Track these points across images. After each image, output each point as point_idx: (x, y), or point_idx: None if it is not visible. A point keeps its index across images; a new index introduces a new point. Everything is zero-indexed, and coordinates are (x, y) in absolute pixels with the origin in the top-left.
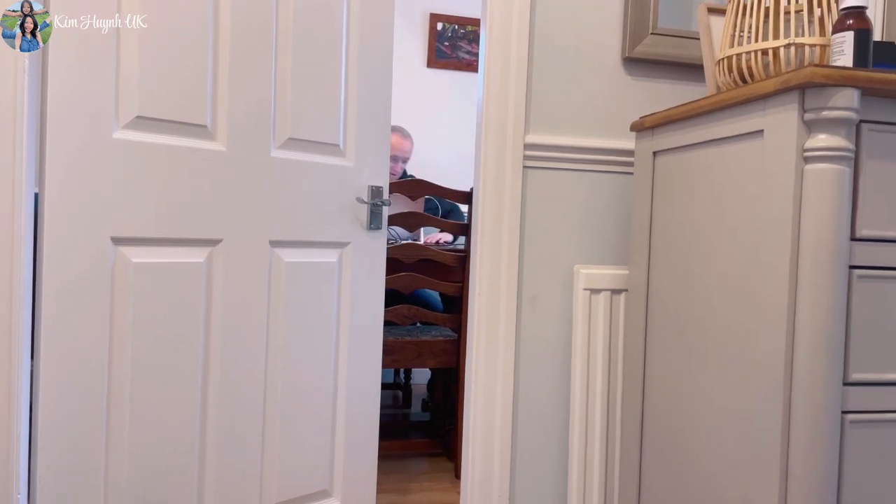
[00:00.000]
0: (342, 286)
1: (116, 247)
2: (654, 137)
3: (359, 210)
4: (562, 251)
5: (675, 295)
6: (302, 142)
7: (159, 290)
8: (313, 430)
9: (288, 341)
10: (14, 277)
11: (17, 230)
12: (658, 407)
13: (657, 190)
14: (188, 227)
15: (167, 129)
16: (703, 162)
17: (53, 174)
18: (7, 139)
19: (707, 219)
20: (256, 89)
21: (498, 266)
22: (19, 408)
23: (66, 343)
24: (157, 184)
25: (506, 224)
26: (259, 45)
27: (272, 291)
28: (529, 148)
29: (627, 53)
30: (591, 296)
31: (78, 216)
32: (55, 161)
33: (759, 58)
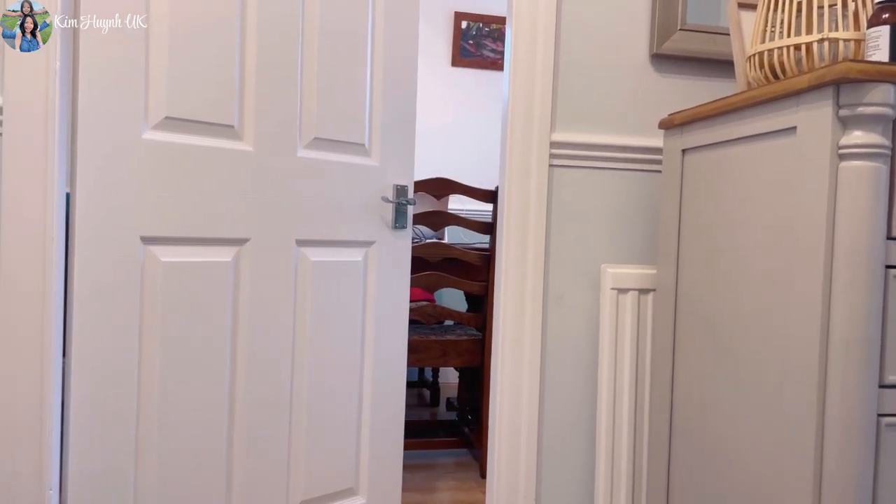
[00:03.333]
0: (367, 285)
1: (146, 246)
2: (683, 135)
3: (384, 209)
4: (588, 250)
5: (704, 295)
6: (328, 141)
7: (188, 289)
8: (339, 429)
9: (313, 340)
10: (46, 278)
11: (49, 231)
12: (687, 408)
13: (686, 188)
14: (216, 226)
15: (195, 130)
16: (733, 160)
17: (84, 175)
18: (39, 141)
19: (738, 218)
20: (283, 90)
21: (523, 265)
22: (51, 404)
23: (97, 341)
24: (185, 184)
25: (531, 223)
26: (285, 45)
27: (298, 290)
28: (555, 146)
29: (655, 50)
30: (619, 295)
31: (108, 216)
32: (86, 162)
33: (791, 53)
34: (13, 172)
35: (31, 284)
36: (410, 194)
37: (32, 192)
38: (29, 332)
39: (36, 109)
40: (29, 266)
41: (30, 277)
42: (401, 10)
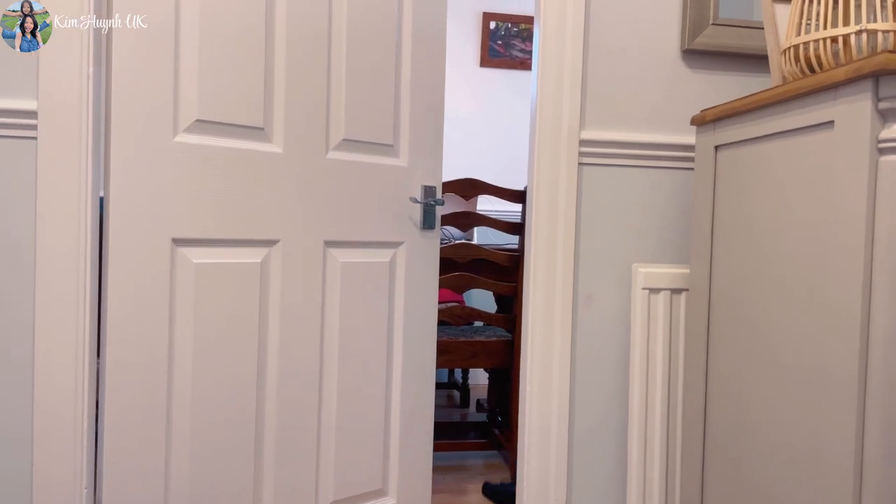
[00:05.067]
0: (396, 286)
1: (177, 247)
2: (716, 131)
3: (412, 210)
4: (619, 249)
5: (739, 294)
6: (356, 143)
7: (218, 290)
8: (368, 429)
9: (342, 340)
10: (81, 279)
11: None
12: (721, 410)
13: (719, 185)
14: (246, 228)
15: (225, 132)
16: (768, 155)
17: (117, 178)
18: (73, 145)
19: (773, 215)
20: (312, 92)
21: (553, 265)
22: (86, 404)
23: (130, 341)
24: (215, 186)
25: (561, 222)
26: (314, 48)
27: (327, 291)
28: (585, 144)
29: (687, 45)
30: (650, 295)
31: (140, 218)
32: (119, 166)
33: (828, 46)
34: (48, 176)
35: (66, 286)
36: (439, 195)
37: (67, 195)
38: (64, 333)
39: (70, 114)
40: (64, 268)
41: (65, 279)
42: (429, 11)
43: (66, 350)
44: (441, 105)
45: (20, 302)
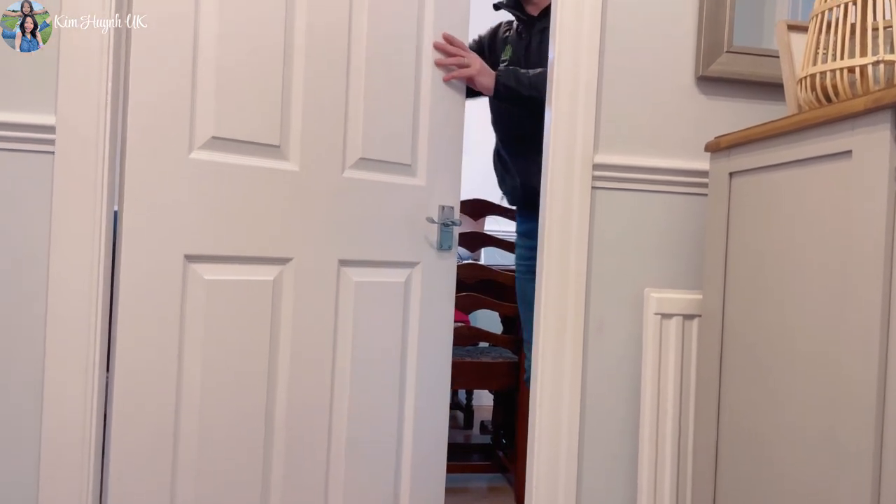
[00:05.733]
0: (410, 307)
1: (189, 264)
2: (731, 158)
3: (429, 230)
4: (631, 274)
5: (753, 322)
6: (374, 162)
7: (229, 308)
8: (379, 454)
9: (354, 362)
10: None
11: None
12: (734, 442)
13: (733, 212)
14: (259, 245)
15: (241, 150)
16: (784, 183)
17: (132, 194)
18: (90, 161)
19: (788, 243)
20: (329, 110)
21: (565, 288)
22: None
23: (139, 358)
24: (230, 203)
25: (573, 245)
26: (332, 65)
27: (340, 311)
28: (598, 168)
29: (701, 72)
30: (663, 321)
31: (153, 234)
32: (134, 181)
33: (844, 75)
34: (64, 191)
35: (78, 300)
36: (456, 215)
37: (82, 210)
38: (75, 347)
39: (87, 130)
40: (76, 282)
41: (76, 293)
42: (449, 30)
43: (77, 363)
44: (461, 124)
45: (31, 315)
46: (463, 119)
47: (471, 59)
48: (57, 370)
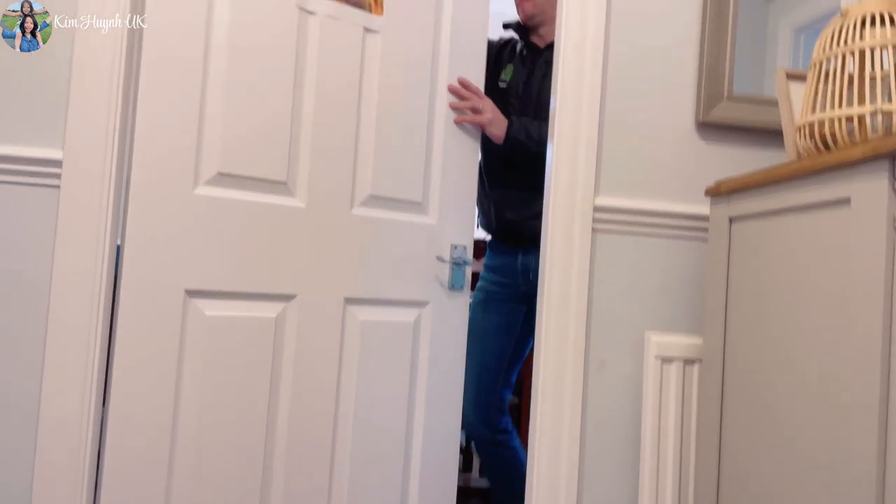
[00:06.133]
0: (419, 348)
1: (190, 299)
2: (731, 203)
3: (439, 269)
4: (632, 316)
5: (753, 371)
6: (384, 199)
7: (230, 345)
8: (383, 500)
9: (358, 404)
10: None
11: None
12: (735, 482)
13: (733, 257)
14: (263, 281)
15: (247, 186)
16: (784, 229)
17: (134, 228)
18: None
19: (789, 289)
20: (339, 146)
21: (565, 329)
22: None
23: (136, 392)
24: (234, 239)
25: (573, 287)
26: (343, 100)
27: (345, 351)
28: (599, 210)
29: (701, 118)
30: (663, 365)
31: (155, 269)
32: (137, 216)
33: (843, 124)
34: (67, 225)
35: (77, 334)
36: (469, 254)
37: (84, 245)
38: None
39: (94, 165)
40: (76, 316)
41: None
42: (464, 67)
43: (73, 397)
44: (475, 161)
45: (31, 348)
46: (477, 157)
47: (484, 106)
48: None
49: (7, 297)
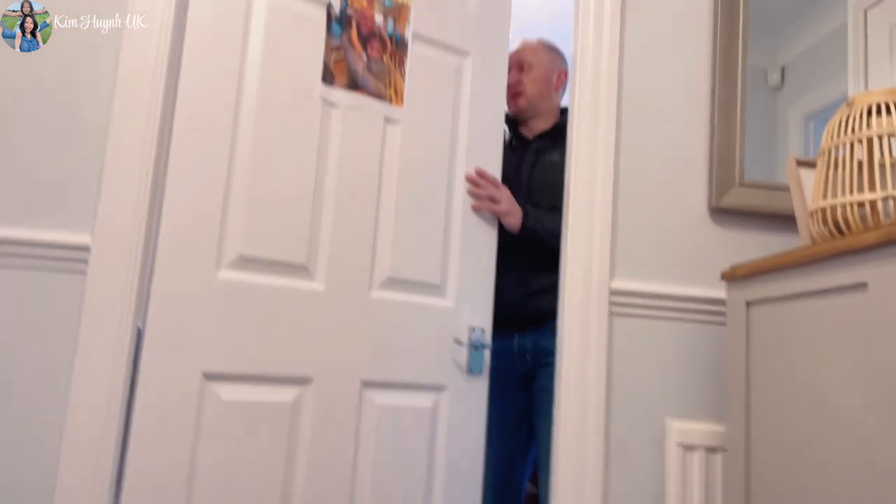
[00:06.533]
0: (437, 434)
1: (207, 382)
2: (747, 287)
3: (457, 352)
4: (652, 402)
5: (779, 457)
6: (402, 282)
7: (246, 429)
8: None
9: (375, 490)
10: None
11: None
12: None
13: (752, 341)
14: (280, 364)
15: (267, 269)
16: (802, 313)
17: (155, 312)
18: (119, 279)
19: (810, 373)
20: (359, 229)
21: (583, 416)
22: None
23: (151, 475)
24: (253, 322)
25: (591, 372)
26: (364, 185)
27: (361, 436)
28: (615, 294)
29: (714, 204)
30: (685, 453)
31: (174, 352)
32: (159, 299)
33: (855, 210)
34: (92, 309)
35: (96, 414)
36: (487, 338)
37: (108, 329)
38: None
39: (120, 249)
40: (96, 396)
41: (95, 409)
42: (481, 154)
43: (89, 477)
44: (493, 244)
45: (50, 427)
46: (495, 240)
47: (501, 196)
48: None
49: (30, 377)
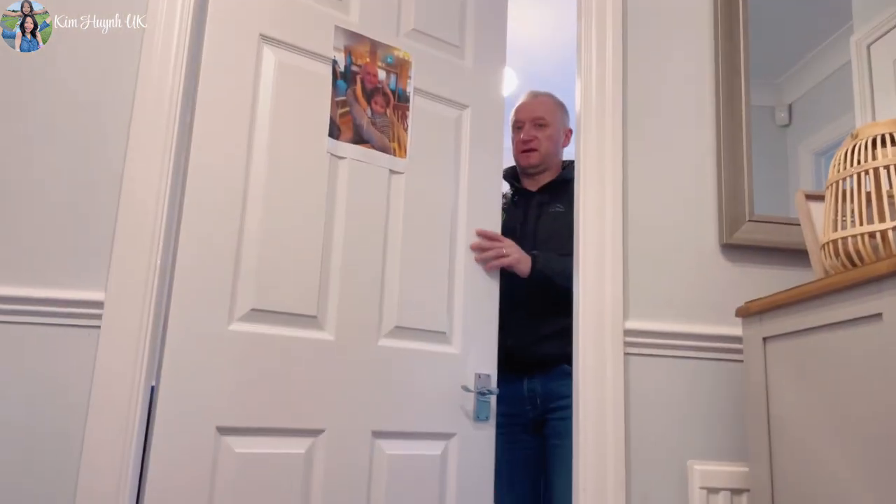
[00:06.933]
0: (447, 482)
1: (221, 436)
2: (763, 323)
3: (465, 399)
4: (673, 444)
5: (804, 495)
6: (409, 330)
7: (260, 481)
8: None
9: None
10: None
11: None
12: None
13: (771, 377)
14: (292, 416)
15: (278, 321)
16: (819, 347)
17: (169, 367)
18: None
19: (830, 410)
20: (366, 280)
21: (603, 461)
22: None
23: None
24: (265, 373)
25: (609, 415)
26: (370, 237)
27: (373, 485)
28: (630, 334)
29: (725, 240)
30: (709, 496)
31: (188, 407)
32: (173, 355)
33: (867, 241)
34: (105, 366)
35: (109, 472)
36: (493, 384)
37: (121, 385)
38: None
39: (134, 305)
40: (109, 453)
41: (108, 469)
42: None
43: None
44: (496, 291)
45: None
46: (497, 285)
47: (509, 249)
48: None
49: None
